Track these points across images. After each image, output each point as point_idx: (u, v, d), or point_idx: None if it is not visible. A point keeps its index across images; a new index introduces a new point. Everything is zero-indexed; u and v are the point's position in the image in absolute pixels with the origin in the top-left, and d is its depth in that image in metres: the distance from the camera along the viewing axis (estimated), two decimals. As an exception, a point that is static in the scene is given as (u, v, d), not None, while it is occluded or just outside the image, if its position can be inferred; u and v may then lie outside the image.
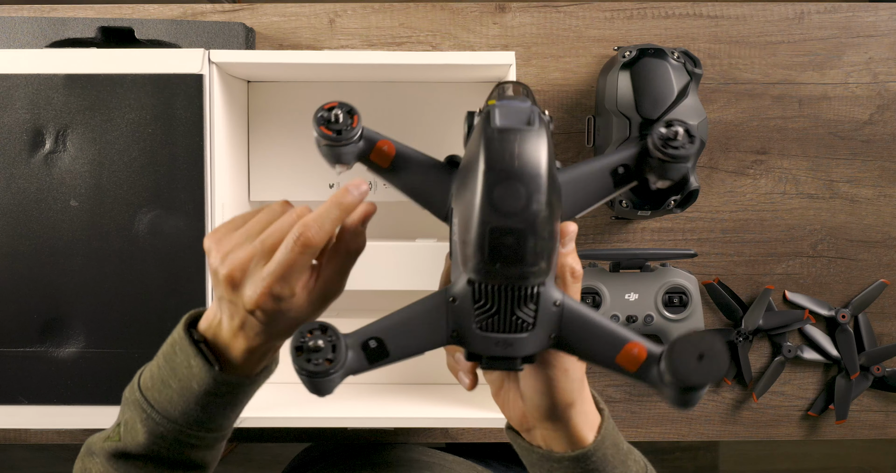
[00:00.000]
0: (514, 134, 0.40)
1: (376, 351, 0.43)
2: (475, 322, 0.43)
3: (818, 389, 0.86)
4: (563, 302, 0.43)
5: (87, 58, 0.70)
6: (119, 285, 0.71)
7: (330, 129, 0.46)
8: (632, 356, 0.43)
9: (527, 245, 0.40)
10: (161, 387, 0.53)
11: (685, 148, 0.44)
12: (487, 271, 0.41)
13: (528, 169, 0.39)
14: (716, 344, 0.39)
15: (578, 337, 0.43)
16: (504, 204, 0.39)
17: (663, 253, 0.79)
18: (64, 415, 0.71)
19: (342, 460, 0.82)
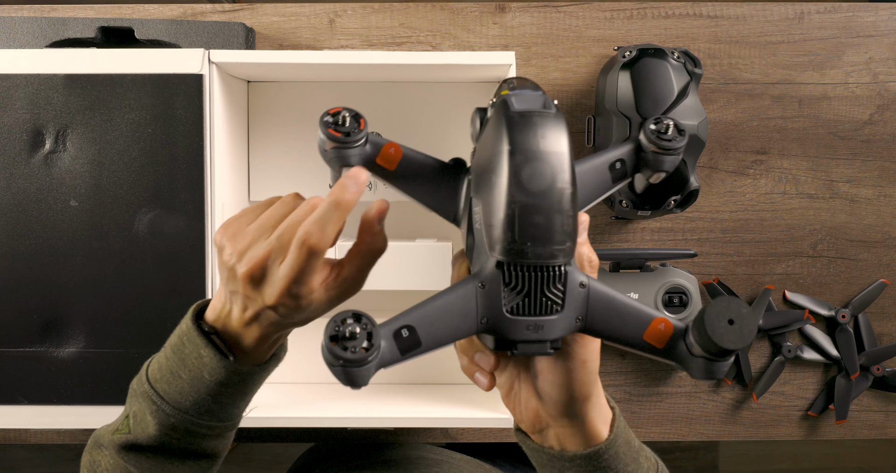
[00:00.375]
0: (535, 116, 0.41)
1: (408, 341, 0.43)
2: (506, 306, 0.42)
3: (818, 389, 0.86)
4: (588, 284, 0.43)
5: (87, 58, 0.70)
6: (119, 285, 0.71)
7: (338, 131, 0.46)
8: (658, 331, 0.43)
9: (555, 223, 0.40)
10: (171, 378, 0.52)
11: (676, 140, 0.46)
12: (517, 251, 0.41)
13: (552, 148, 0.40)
14: (743, 309, 0.40)
15: (605, 318, 0.44)
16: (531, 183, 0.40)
17: (663, 253, 0.79)
18: (64, 415, 0.71)
19: (350, 458, 0.82)
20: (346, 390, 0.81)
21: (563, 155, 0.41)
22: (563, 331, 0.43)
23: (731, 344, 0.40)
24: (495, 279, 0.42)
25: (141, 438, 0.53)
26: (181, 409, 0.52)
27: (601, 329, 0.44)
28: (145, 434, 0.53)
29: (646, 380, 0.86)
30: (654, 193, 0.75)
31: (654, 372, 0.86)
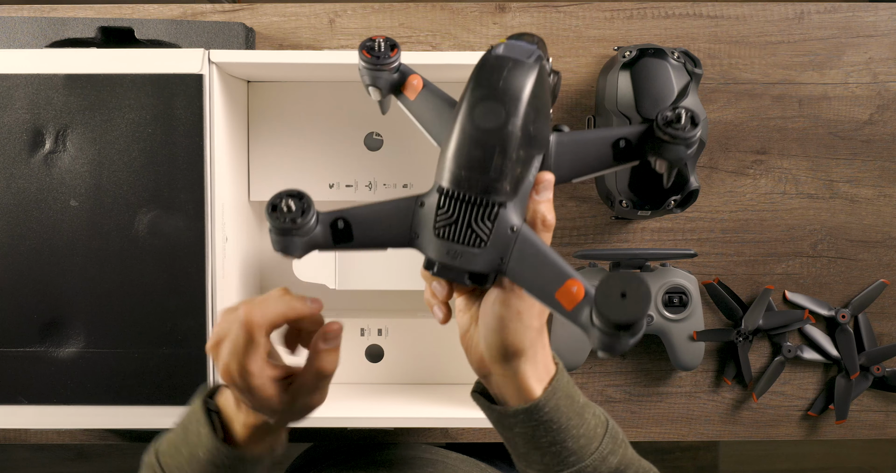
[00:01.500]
0: (506, 61, 0.44)
1: (342, 232, 0.47)
2: (435, 227, 0.46)
3: (818, 389, 0.86)
4: (519, 229, 0.45)
5: (87, 58, 0.70)
6: (119, 285, 0.71)
7: (371, 53, 0.52)
8: (570, 293, 0.44)
9: (493, 160, 0.43)
10: (174, 452, 0.54)
11: (686, 131, 0.46)
12: (455, 179, 0.44)
13: (510, 93, 0.43)
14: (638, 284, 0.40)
15: (526, 266, 0.45)
16: (482, 120, 0.43)
17: (663, 253, 0.79)
18: (64, 415, 0.71)
19: (346, 459, 0.82)
20: (345, 390, 0.81)
21: (521, 101, 0.43)
22: (482, 266, 0.46)
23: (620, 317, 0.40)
24: (432, 201, 0.46)
25: None
26: None
27: (519, 276, 0.46)
28: None
29: (646, 380, 0.86)
30: (654, 192, 0.75)
31: (655, 372, 0.86)
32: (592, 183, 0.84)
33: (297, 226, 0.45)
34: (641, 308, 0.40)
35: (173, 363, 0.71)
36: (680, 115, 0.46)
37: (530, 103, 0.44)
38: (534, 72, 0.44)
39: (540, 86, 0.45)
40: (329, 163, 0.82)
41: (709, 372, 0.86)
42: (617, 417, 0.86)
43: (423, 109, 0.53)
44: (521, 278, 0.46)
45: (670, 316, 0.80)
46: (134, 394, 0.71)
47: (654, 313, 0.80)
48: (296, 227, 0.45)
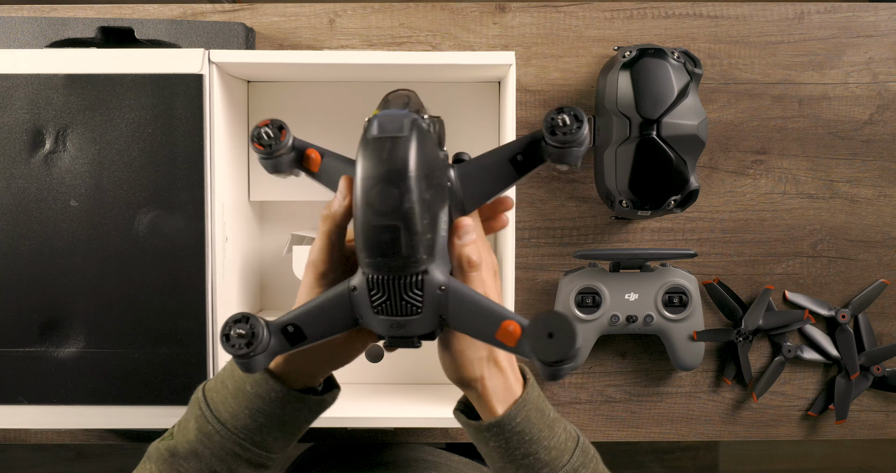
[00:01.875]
0: (384, 142, 0.46)
1: (295, 335, 0.50)
2: (372, 308, 0.49)
3: (818, 389, 0.86)
4: (448, 286, 0.48)
5: (87, 58, 0.70)
6: (119, 285, 0.71)
7: (261, 144, 0.53)
8: (508, 332, 0.47)
9: (401, 240, 0.45)
10: (220, 387, 0.55)
11: (573, 134, 0.48)
12: (374, 265, 0.47)
13: (396, 172, 0.45)
14: (564, 324, 0.44)
15: (463, 316, 0.49)
16: (379, 204, 0.45)
17: (663, 253, 0.79)
18: (64, 415, 0.71)
19: (346, 459, 0.82)
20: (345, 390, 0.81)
21: (409, 179, 0.45)
22: (426, 328, 0.49)
23: (549, 357, 0.44)
24: (362, 286, 0.48)
25: (180, 444, 0.55)
26: (220, 418, 0.54)
27: (460, 326, 0.49)
28: (185, 440, 0.55)
29: (646, 380, 0.86)
30: (654, 193, 0.75)
31: (654, 372, 0.86)
32: (592, 183, 0.84)
33: (251, 351, 0.48)
34: (568, 347, 0.44)
35: (173, 363, 0.71)
36: (563, 119, 0.48)
37: (419, 171, 0.45)
38: (412, 142, 0.46)
39: (424, 148, 0.47)
40: (329, 163, 0.82)
41: (709, 372, 0.86)
42: (617, 417, 0.86)
43: (329, 177, 0.55)
44: (462, 327, 0.49)
45: (670, 316, 0.80)
46: (134, 394, 0.71)
47: (654, 313, 0.80)
48: (250, 352, 0.48)
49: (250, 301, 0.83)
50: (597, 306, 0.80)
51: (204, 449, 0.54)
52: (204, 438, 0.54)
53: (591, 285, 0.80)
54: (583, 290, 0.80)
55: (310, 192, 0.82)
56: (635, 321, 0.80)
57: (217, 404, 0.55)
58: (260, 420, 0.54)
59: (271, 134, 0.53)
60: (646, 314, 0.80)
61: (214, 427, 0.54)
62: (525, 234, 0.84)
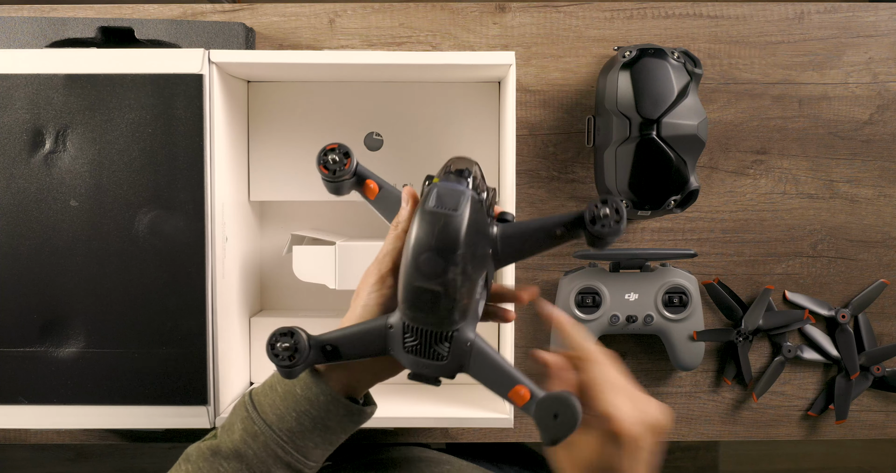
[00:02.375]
0: (440, 217, 0.50)
1: (332, 353, 0.56)
2: (403, 347, 0.55)
3: (818, 389, 0.86)
4: (473, 343, 0.54)
5: (87, 58, 0.70)
6: (119, 285, 0.71)
7: (327, 168, 0.59)
8: (519, 395, 0.54)
9: (440, 303, 0.51)
10: (268, 391, 0.58)
11: (610, 227, 0.54)
12: (411, 317, 0.53)
13: (445, 246, 0.50)
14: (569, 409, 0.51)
15: (481, 372, 0.55)
16: (425, 269, 0.50)
17: (663, 253, 0.79)
18: (64, 415, 0.71)
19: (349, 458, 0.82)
20: (346, 390, 0.81)
21: (455, 253, 0.50)
22: (447, 373, 0.55)
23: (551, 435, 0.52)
24: (398, 327, 0.55)
25: (224, 444, 0.58)
26: (266, 420, 0.57)
27: (477, 377, 0.55)
28: (230, 440, 0.58)
29: (646, 380, 0.86)
30: (654, 193, 0.75)
31: (654, 372, 0.86)
32: (592, 183, 0.84)
33: (294, 363, 0.54)
34: (570, 428, 0.51)
35: (173, 363, 0.71)
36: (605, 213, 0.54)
37: (466, 249, 0.50)
38: (465, 220, 0.51)
39: (475, 225, 0.52)
40: (329, 163, 0.82)
41: (709, 372, 0.86)
42: (617, 417, 0.86)
43: (384, 208, 0.61)
44: (479, 378, 0.55)
45: (670, 316, 0.80)
46: (134, 394, 0.71)
47: (654, 313, 0.80)
48: (294, 363, 0.54)
49: (250, 301, 0.83)
50: (597, 306, 0.80)
51: (247, 449, 0.57)
52: (249, 438, 0.57)
53: (591, 285, 0.80)
54: (583, 290, 0.80)
55: (310, 192, 0.82)
56: (635, 321, 0.80)
57: (264, 406, 0.58)
58: (305, 424, 0.57)
59: (337, 159, 0.59)
60: (646, 314, 0.80)
61: (260, 427, 0.57)
62: (525, 234, 0.84)
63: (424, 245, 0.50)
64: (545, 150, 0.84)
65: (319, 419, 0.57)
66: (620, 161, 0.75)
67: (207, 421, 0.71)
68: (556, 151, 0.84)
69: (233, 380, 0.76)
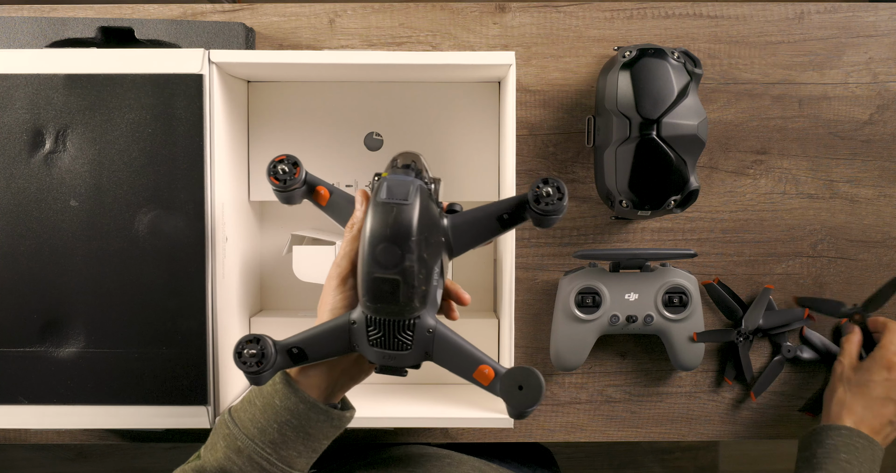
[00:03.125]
0: (391, 207, 0.52)
1: (298, 356, 0.58)
2: (368, 341, 0.56)
3: (818, 389, 0.86)
4: (435, 328, 0.56)
5: (87, 58, 0.70)
6: (119, 285, 0.71)
7: (277, 179, 0.61)
8: (483, 374, 0.56)
9: (400, 291, 0.53)
10: (247, 406, 0.59)
11: (554, 204, 0.56)
12: (373, 308, 0.54)
13: (400, 234, 0.52)
14: (533, 379, 0.54)
15: (445, 356, 0.57)
16: (382, 260, 0.52)
17: (663, 253, 0.79)
18: (64, 415, 0.71)
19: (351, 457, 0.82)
20: (346, 390, 0.81)
21: (410, 241, 0.52)
22: (412, 362, 0.57)
23: (517, 407, 0.55)
24: (361, 322, 0.56)
25: (208, 463, 0.58)
26: (248, 434, 0.58)
27: (442, 363, 0.57)
28: (213, 458, 0.58)
29: (646, 380, 0.86)
30: (654, 193, 0.75)
31: (654, 372, 0.86)
32: (592, 183, 0.84)
33: (262, 368, 0.56)
34: (535, 398, 0.54)
35: (173, 363, 0.71)
36: (548, 191, 0.56)
37: (420, 236, 0.52)
38: (416, 208, 0.53)
39: (426, 213, 0.54)
40: (329, 163, 0.82)
41: (709, 372, 0.86)
42: (617, 417, 0.86)
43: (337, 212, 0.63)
44: (443, 362, 0.57)
45: (670, 316, 0.80)
46: (134, 394, 0.71)
47: (654, 313, 0.80)
48: (261, 369, 0.56)
49: (250, 301, 0.83)
50: (597, 306, 0.80)
51: (232, 465, 0.58)
52: (233, 454, 0.58)
53: (591, 285, 0.80)
54: (583, 290, 0.80)
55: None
56: (635, 321, 0.80)
57: (245, 421, 0.59)
58: (287, 434, 0.58)
59: (287, 170, 0.61)
60: (646, 314, 0.80)
61: (243, 442, 0.58)
62: (525, 234, 0.84)
63: (380, 236, 0.52)
64: (545, 150, 0.84)
65: (301, 427, 0.58)
66: (620, 161, 0.75)
67: (207, 421, 0.71)
68: (556, 151, 0.84)
69: (233, 380, 0.76)
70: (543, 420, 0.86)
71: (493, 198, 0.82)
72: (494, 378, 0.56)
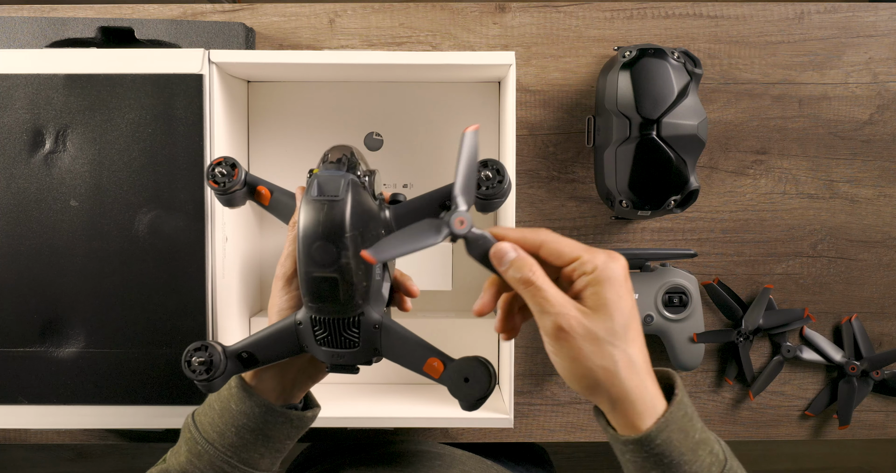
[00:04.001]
0: (322, 204, 0.51)
1: (248, 360, 0.57)
2: (315, 341, 0.56)
3: (818, 389, 0.86)
4: (381, 324, 0.56)
5: (87, 58, 0.70)
6: (119, 285, 0.71)
7: (216, 182, 0.61)
8: (433, 367, 0.55)
9: (339, 289, 0.52)
10: (208, 410, 0.59)
11: (494, 187, 0.56)
12: (315, 308, 0.54)
13: (334, 233, 0.51)
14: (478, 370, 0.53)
15: (394, 349, 0.56)
16: (318, 258, 0.51)
17: (663, 253, 0.79)
18: (64, 415, 0.71)
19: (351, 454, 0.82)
20: (346, 390, 0.81)
21: (344, 238, 0.51)
22: (363, 358, 0.56)
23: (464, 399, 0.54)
24: (307, 322, 0.56)
25: (172, 467, 0.58)
26: (208, 438, 0.58)
27: (392, 356, 0.56)
28: (177, 462, 0.58)
29: (646, 380, 0.86)
30: (654, 193, 0.75)
31: (654, 372, 0.86)
32: (592, 183, 0.84)
33: (210, 376, 0.56)
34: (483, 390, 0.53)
35: (173, 363, 0.71)
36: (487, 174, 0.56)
37: (354, 230, 0.51)
38: (347, 203, 0.51)
39: (359, 206, 0.52)
40: (329, 163, 0.82)
41: (709, 372, 0.86)
42: (617, 417, 0.86)
43: (280, 211, 0.62)
44: (393, 357, 0.56)
45: (670, 316, 0.80)
46: (134, 394, 0.71)
47: (654, 313, 0.80)
48: (209, 377, 0.56)
49: (250, 301, 0.83)
50: (597, 306, 0.80)
51: (194, 469, 0.58)
52: (194, 458, 0.58)
53: None
54: (583, 290, 0.80)
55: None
56: (635, 321, 0.80)
57: (205, 425, 0.58)
58: (246, 437, 0.57)
59: (225, 172, 0.60)
60: (646, 314, 0.80)
61: (203, 446, 0.57)
62: (525, 234, 0.84)
63: (313, 235, 0.51)
64: (545, 150, 0.84)
65: (259, 430, 0.58)
66: (620, 161, 0.75)
67: (207, 421, 0.71)
68: (556, 151, 0.84)
69: (233, 380, 0.76)
70: (543, 420, 0.86)
71: (493, 198, 0.82)
72: (444, 371, 0.55)
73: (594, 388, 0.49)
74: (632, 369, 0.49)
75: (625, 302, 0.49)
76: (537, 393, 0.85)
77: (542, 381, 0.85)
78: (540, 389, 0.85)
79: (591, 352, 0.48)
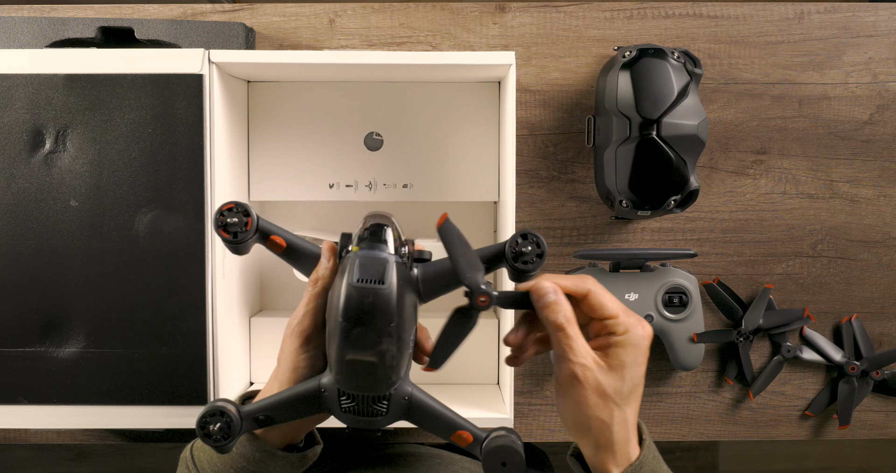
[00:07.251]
0: (367, 292, 0.49)
1: (265, 421, 0.55)
2: (341, 408, 0.54)
3: (818, 389, 0.86)
4: (411, 396, 0.54)
5: (87, 58, 0.70)
6: (119, 285, 0.71)
7: (227, 232, 0.56)
8: (462, 438, 0.55)
9: (377, 372, 0.50)
10: (207, 447, 0.59)
11: (532, 264, 0.54)
12: (349, 386, 0.52)
13: (377, 322, 0.48)
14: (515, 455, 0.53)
15: (423, 419, 0.55)
16: (358, 344, 0.49)
17: (663, 253, 0.79)
18: (64, 415, 0.71)
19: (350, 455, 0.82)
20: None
21: (387, 325, 0.48)
22: (387, 425, 0.55)
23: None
24: (333, 390, 0.53)
25: None
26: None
27: (419, 424, 0.55)
28: None
29: (646, 380, 0.85)
30: (654, 193, 0.75)
31: (655, 372, 0.86)
32: (592, 183, 0.84)
33: (227, 442, 0.54)
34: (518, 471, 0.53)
35: (173, 363, 0.71)
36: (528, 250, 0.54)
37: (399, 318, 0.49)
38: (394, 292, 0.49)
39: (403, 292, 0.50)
40: (329, 163, 0.82)
41: (709, 372, 0.86)
42: (617, 417, 0.86)
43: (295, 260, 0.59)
44: (420, 425, 0.55)
45: (670, 316, 0.80)
46: (134, 394, 0.71)
47: (654, 313, 0.80)
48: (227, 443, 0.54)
49: (250, 301, 0.83)
50: (597, 306, 0.80)
51: None
52: None
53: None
54: (583, 290, 0.80)
55: (310, 192, 0.82)
56: (635, 321, 0.80)
57: (203, 463, 0.58)
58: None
59: (237, 220, 0.55)
60: (646, 314, 0.80)
61: None
62: (525, 234, 0.84)
63: (354, 321, 0.48)
64: (545, 150, 0.84)
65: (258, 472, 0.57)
66: (620, 161, 0.75)
67: (207, 421, 0.71)
68: (556, 151, 0.84)
69: (233, 380, 0.76)
70: (543, 420, 0.86)
71: (493, 198, 0.82)
72: (473, 442, 0.55)
73: (585, 432, 0.55)
74: (623, 426, 0.55)
75: (639, 368, 0.54)
76: (537, 393, 0.85)
77: (542, 381, 0.85)
78: (540, 389, 0.85)
79: (595, 404, 0.53)
